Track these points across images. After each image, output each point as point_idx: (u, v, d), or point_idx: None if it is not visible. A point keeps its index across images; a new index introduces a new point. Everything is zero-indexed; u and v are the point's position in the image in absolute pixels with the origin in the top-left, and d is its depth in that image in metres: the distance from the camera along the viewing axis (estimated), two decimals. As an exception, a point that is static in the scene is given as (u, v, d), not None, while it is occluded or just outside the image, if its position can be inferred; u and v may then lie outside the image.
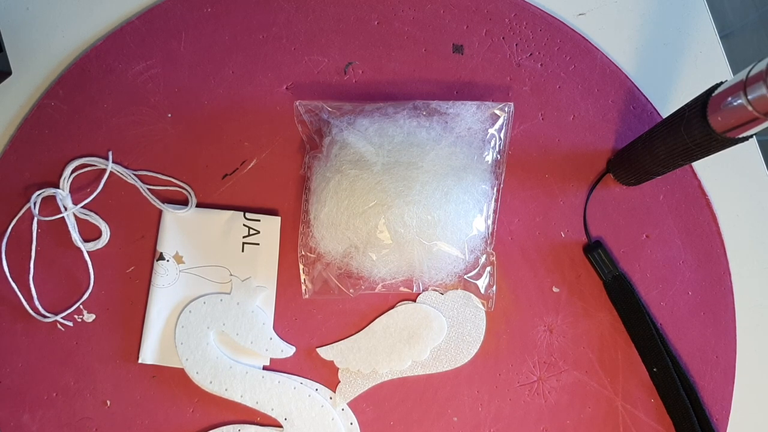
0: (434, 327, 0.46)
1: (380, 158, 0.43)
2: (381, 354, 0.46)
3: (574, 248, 0.48)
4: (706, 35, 0.51)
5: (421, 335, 0.46)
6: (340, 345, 0.46)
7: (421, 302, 0.47)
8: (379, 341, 0.46)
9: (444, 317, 0.47)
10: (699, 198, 0.49)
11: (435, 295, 0.47)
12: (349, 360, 0.46)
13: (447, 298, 0.47)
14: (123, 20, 0.49)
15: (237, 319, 0.46)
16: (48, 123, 0.47)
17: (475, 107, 0.46)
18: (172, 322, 0.46)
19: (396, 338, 0.46)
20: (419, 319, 0.46)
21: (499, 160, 0.47)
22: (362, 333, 0.47)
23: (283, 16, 0.49)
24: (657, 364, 0.46)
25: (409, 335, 0.46)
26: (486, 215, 0.45)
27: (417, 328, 0.46)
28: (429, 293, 0.47)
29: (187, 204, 0.47)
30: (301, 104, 0.47)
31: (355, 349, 0.46)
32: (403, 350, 0.46)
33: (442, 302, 0.47)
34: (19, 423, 0.45)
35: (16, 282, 0.46)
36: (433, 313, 0.46)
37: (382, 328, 0.46)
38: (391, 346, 0.46)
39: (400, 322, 0.46)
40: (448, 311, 0.47)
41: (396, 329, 0.46)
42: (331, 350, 0.46)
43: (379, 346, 0.46)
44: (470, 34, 0.49)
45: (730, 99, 0.33)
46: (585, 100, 0.49)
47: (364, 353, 0.46)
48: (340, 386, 0.46)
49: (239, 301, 0.46)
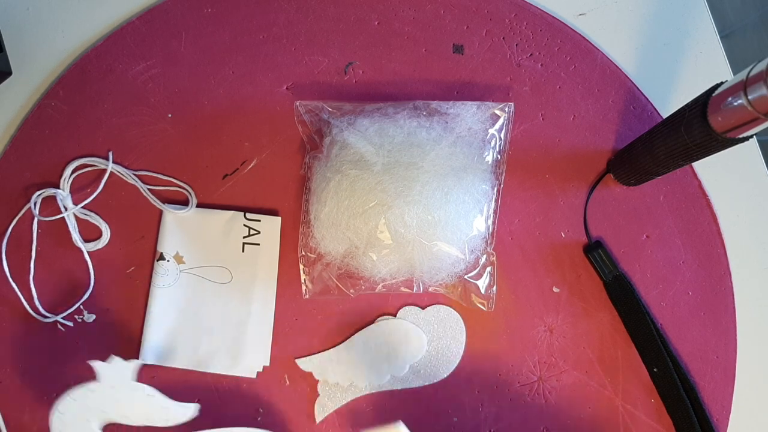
0: (414, 343, 0.46)
1: (380, 158, 0.43)
2: (360, 368, 0.46)
3: (575, 248, 0.48)
4: (706, 35, 0.51)
5: (401, 351, 0.46)
6: (318, 357, 0.46)
7: (401, 318, 0.47)
8: (358, 355, 0.46)
9: (424, 333, 0.46)
10: (699, 198, 0.49)
11: (415, 311, 0.47)
12: (328, 372, 0.46)
13: (428, 314, 0.47)
14: (123, 20, 0.49)
15: (117, 402, 0.41)
16: (48, 123, 0.47)
17: (476, 107, 0.46)
18: (173, 323, 0.46)
19: (375, 353, 0.46)
20: (400, 336, 0.46)
21: (500, 161, 0.47)
22: (342, 345, 0.46)
23: (283, 17, 0.49)
24: (657, 364, 0.46)
25: (388, 351, 0.46)
26: (486, 215, 0.45)
27: (397, 344, 0.46)
28: (409, 308, 0.47)
29: (188, 204, 0.47)
30: (301, 104, 0.47)
31: (334, 361, 0.46)
32: (383, 365, 0.46)
33: (423, 318, 0.47)
34: (19, 423, 0.45)
35: (16, 282, 0.46)
36: (414, 329, 0.46)
37: (362, 342, 0.46)
38: (370, 361, 0.46)
39: (381, 338, 0.46)
40: (428, 327, 0.47)
41: (376, 344, 0.46)
42: (310, 362, 0.46)
43: (359, 360, 0.45)
44: (470, 34, 0.49)
45: (731, 99, 0.33)
46: (585, 100, 0.49)
47: (343, 366, 0.46)
48: (319, 399, 0.46)
49: (112, 384, 0.41)
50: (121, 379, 0.41)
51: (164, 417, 0.42)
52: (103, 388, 0.41)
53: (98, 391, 0.41)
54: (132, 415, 0.42)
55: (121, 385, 0.41)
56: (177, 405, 0.42)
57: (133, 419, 0.42)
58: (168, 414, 0.42)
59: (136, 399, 0.42)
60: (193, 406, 0.43)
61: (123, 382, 0.41)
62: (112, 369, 0.41)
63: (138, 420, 0.42)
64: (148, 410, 0.42)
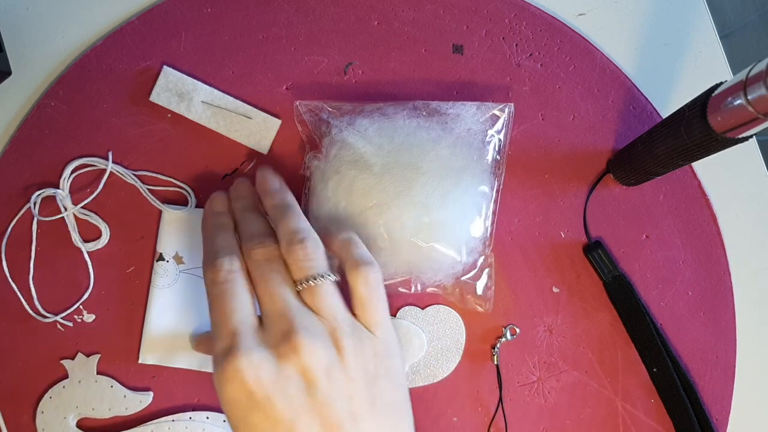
0: (414, 344, 0.46)
1: (380, 159, 0.43)
2: None
3: (574, 248, 0.48)
4: (706, 35, 0.51)
5: None
6: None
7: (401, 318, 0.47)
8: None
9: (424, 333, 0.46)
10: (699, 198, 0.49)
11: (415, 311, 0.47)
12: None
13: (427, 314, 0.47)
14: (123, 20, 0.49)
15: (85, 396, 0.45)
16: (48, 123, 0.47)
17: (475, 108, 0.46)
18: (172, 323, 0.46)
19: None
20: (399, 335, 0.46)
21: (499, 161, 0.47)
22: None
23: (283, 16, 0.49)
24: (657, 364, 0.46)
25: None
26: (485, 216, 0.45)
27: None
28: (409, 309, 0.47)
29: (187, 204, 0.47)
30: (301, 104, 0.47)
31: None
32: None
33: (422, 318, 0.47)
34: (19, 423, 0.45)
35: (16, 282, 0.46)
36: (414, 329, 0.46)
37: None
38: None
39: None
40: (428, 327, 0.47)
41: None
42: None
43: None
44: (470, 34, 0.49)
45: (730, 99, 0.33)
46: (585, 100, 0.49)
47: None
48: None
49: (80, 378, 0.45)
50: (86, 373, 0.45)
51: (124, 406, 0.45)
52: (72, 383, 0.45)
53: (68, 387, 0.45)
54: (98, 408, 0.45)
55: (86, 378, 0.45)
56: (135, 393, 0.45)
57: (100, 411, 0.45)
58: (128, 402, 0.45)
59: (99, 390, 0.45)
60: (148, 394, 0.45)
61: (87, 374, 0.45)
62: (77, 364, 0.45)
63: (103, 412, 0.45)
64: (111, 400, 0.45)
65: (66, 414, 0.45)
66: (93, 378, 0.45)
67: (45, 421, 0.45)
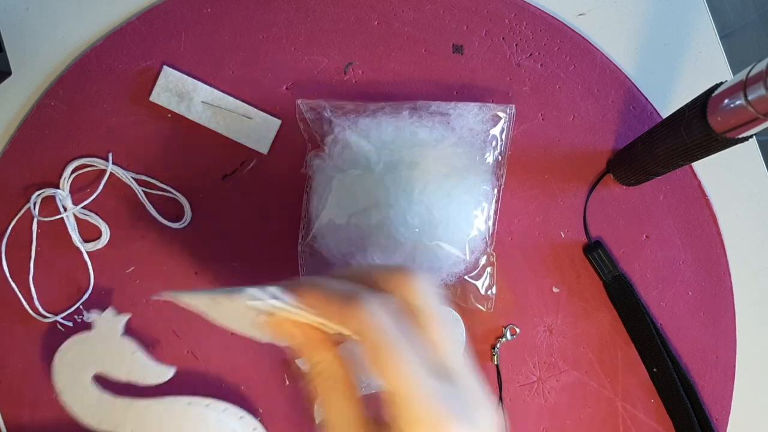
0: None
1: (382, 158, 0.43)
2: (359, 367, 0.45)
3: (574, 248, 0.48)
4: (706, 35, 0.51)
5: None
6: None
7: None
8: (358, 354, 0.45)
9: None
10: (699, 198, 0.49)
11: None
12: None
13: None
14: (123, 20, 0.49)
15: (105, 355, 0.44)
16: (48, 123, 0.47)
17: (477, 108, 0.46)
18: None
19: None
20: None
21: (500, 161, 0.47)
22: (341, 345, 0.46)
23: (283, 16, 0.49)
24: (657, 364, 0.46)
25: None
26: (486, 216, 0.45)
27: None
28: None
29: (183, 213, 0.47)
30: (303, 103, 0.47)
31: None
32: None
33: None
34: (19, 423, 0.45)
35: (16, 282, 0.46)
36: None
37: None
38: None
39: None
40: None
41: None
42: None
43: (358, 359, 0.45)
44: (470, 34, 0.49)
45: (730, 99, 0.33)
46: (585, 100, 0.49)
47: None
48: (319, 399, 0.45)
49: (103, 334, 0.45)
50: (111, 331, 0.44)
51: (142, 375, 0.44)
52: (96, 337, 0.44)
53: (91, 340, 0.44)
54: (117, 369, 0.44)
55: (111, 336, 0.44)
56: (156, 365, 0.44)
57: (117, 373, 0.44)
58: (147, 372, 0.44)
59: (122, 353, 0.44)
60: (171, 369, 0.45)
61: (112, 333, 0.44)
62: (105, 320, 0.45)
63: (120, 374, 0.44)
64: (131, 366, 0.44)
65: (84, 366, 0.44)
66: (117, 337, 0.44)
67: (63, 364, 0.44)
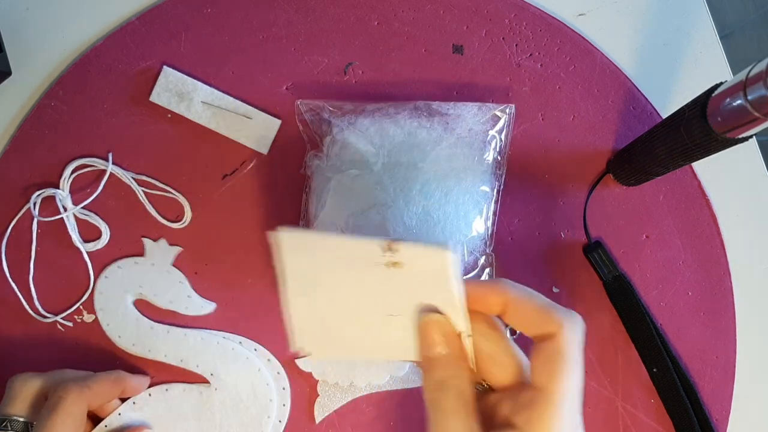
0: None
1: (380, 158, 0.43)
2: (359, 367, 0.45)
3: (574, 248, 0.48)
4: (706, 35, 0.51)
5: None
6: None
7: None
8: None
9: None
10: (699, 198, 0.49)
11: None
12: (327, 372, 0.45)
13: None
14: (123, 20, 0.49)
15: (153, 280, 0.46)
16: (48, 123, 0.47)
17: (476, 108, 0.46)
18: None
19: None
20: None
21: (500, 162, 0.47)
22: None
23: (283, 17, 0.49)
24: (657, 364, 0.46)
25: None
26: (486, 216, 0.45)
27: None
28: None
29: (183, 213, 0.47)
30: (302, 103, 0.47)
31: (333, 361, 0.46)
32: (382, 364, 0.46)
33: None
34: (19, 423, 0.45)
35: (16, 282, 0.46)
36: None
37: None
38: (370, 360, 0.45)
39: None
40: None
41: None
42: (309, 362, 0.46)
43: (358, 360, 0.45)
44: (470, 34, 0.49)
45: (730, 99, 0.33)
46: (585, 100, 0.49)
47: (342, 366, 0.45)
48: (319, 399, 0.45)
49: (154, 261, 0.46)
50: (162, 259, 0.46)
51: (185, 305, 0.46)
52: (146, 263, 0.46)
53: (140, 265, 0.46)
54: (160, 294, 0.46)
55: (161, 264, 0.46)
56: (200, 298, 0.46)
57: (160, 299, 0.46)
58: (190, 303, 0.46)
59: (169, 281, 0.46)
60: (212, 304, 0.46)
61: (163, 261, 0.46)
62: (158, 248, 0.46)
63: (163, 302, 0.46)
64: (175, 294, 0.46)
65: (127, 288, 0.46)
66: (167, 266, 0.46)
67: (106, 286, 0.46)
